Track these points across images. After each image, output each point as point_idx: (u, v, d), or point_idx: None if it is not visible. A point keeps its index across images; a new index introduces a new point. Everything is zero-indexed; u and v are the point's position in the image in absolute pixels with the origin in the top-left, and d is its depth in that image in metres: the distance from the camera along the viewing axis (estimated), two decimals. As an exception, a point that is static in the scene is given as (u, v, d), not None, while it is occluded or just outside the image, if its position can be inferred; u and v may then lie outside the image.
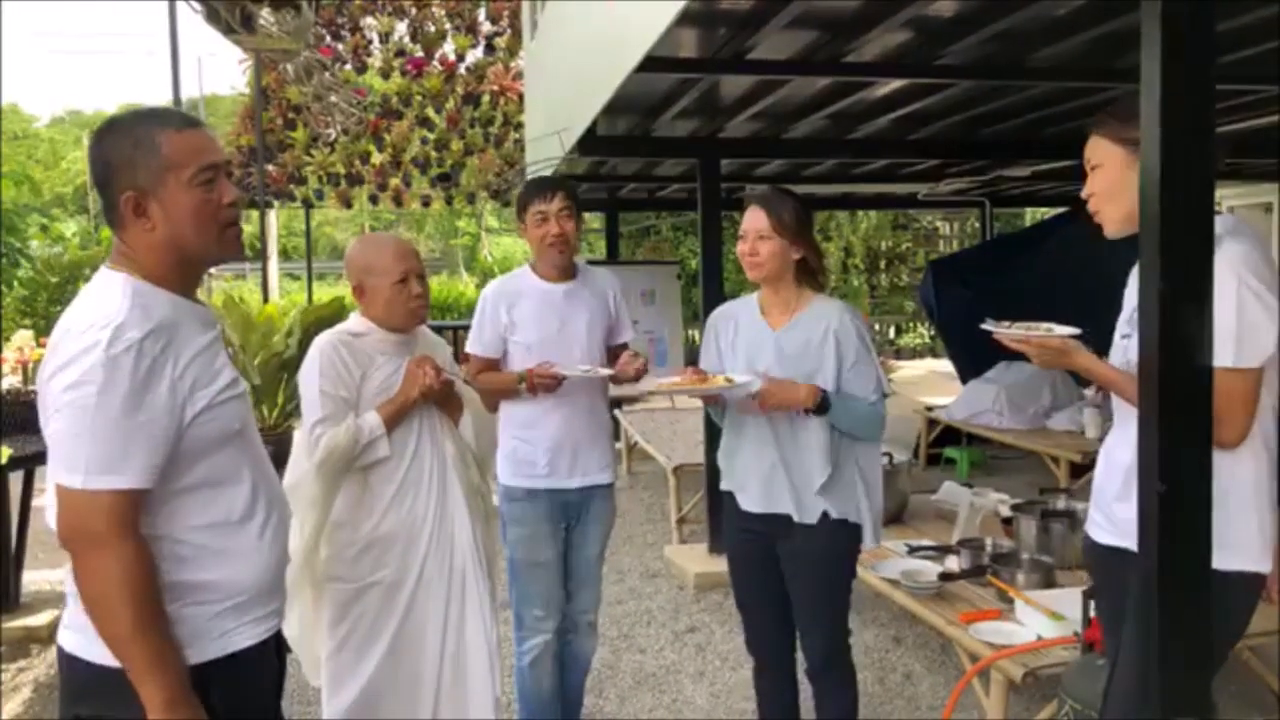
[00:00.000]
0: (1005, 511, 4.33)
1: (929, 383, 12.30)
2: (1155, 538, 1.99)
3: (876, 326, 16.24)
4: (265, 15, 4.77)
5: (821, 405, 2.72)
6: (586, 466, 3.21)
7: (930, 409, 8.10)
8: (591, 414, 3.23)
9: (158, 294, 1.73)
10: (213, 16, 5.29)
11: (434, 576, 2.74)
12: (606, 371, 3.10)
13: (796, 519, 2.81)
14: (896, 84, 4.50)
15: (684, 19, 3.16)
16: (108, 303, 1.68)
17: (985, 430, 7.00)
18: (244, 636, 1.81)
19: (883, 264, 17.47)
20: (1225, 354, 1.97)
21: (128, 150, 1.73)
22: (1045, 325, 2.32)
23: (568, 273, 3.21)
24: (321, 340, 2.74)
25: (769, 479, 2.85)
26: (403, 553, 2.71)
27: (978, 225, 10.76)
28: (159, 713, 1.64)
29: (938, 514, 4.73)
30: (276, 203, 13.30)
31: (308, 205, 13.62)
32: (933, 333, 15.18)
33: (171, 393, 1.68)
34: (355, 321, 2.80)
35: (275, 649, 1.96)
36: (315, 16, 11.23)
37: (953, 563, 3.83)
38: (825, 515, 2.79)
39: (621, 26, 3.63)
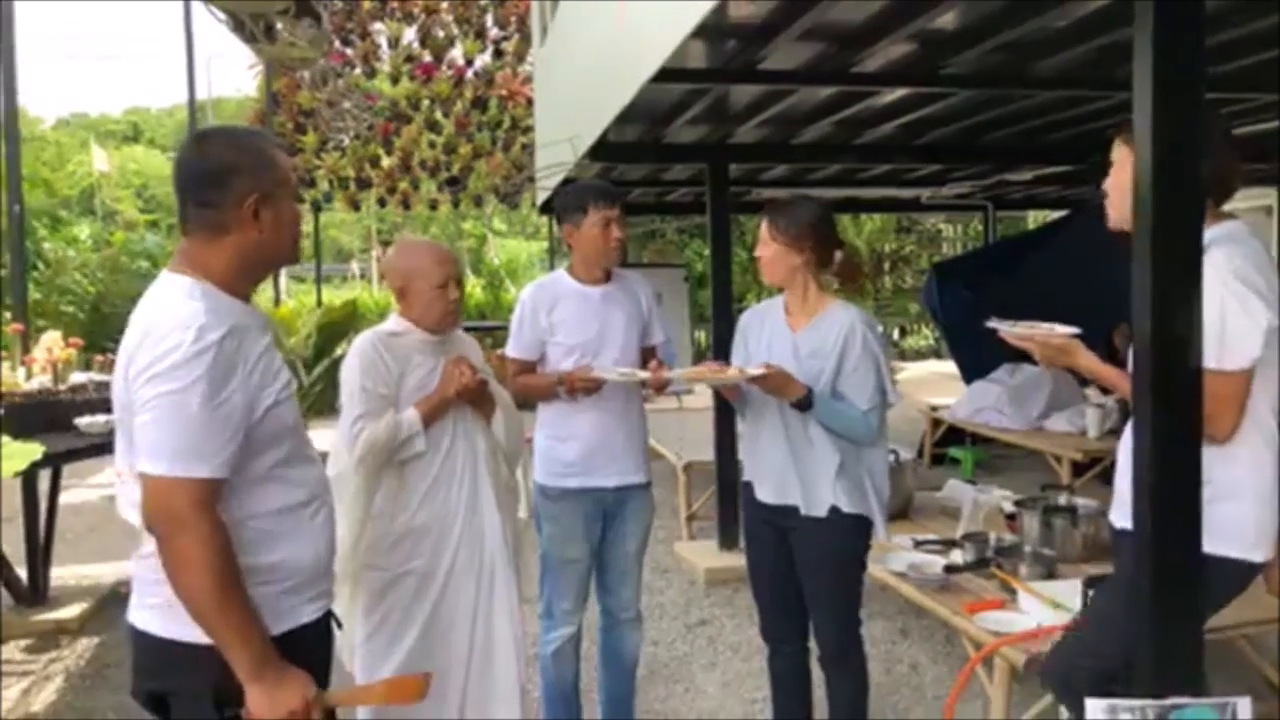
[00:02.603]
0: (1008, 507, 4.44)
1: (933, 383, 12.39)
2: (1148, 526, 2.11)
3: (880, 329, 16.33)
4: (286, 25, 4.91)
5: (804, 402, 2.85)
6: (622, 466, 3.28)
7: (935, 409, 8.21)
8: (626, 414, 3.30)
9: (225, 298, 1.88)
10: (238, 26, 5.42)
11: (464, 568, 2.87)
12: (644, 375, 3.15)
13: (804, 511, 2.94)
14: (902, 92, 4.62)
15: (696, 31, 3.28)
16: (184, 305, 1.82)
17: (988, 430, 7.11)
18: (303, 614, 1.96)
19: (887, 266, 17.58)
20: (1210, 357, 2.09)
21: (252, 158, 1.91)
22: (1047, 325, 2.45)
23: (606, 276, 3.30)
24: (362, 339, 2.89)
25: (781, 471, 2.98)
26: (435, 544, 2.84)
27: (981, 228, 10.86)
28: (249, 676, 1.79)
29: (942, 510, 4.83)
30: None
31: (316, 208, 13.75)
32: (937, 334, 15.28)
33: (244, 390, 1.82)
34: (394, 322, 2.93)
35: (327, 626, 2.09)
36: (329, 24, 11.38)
37: (957, 556, 3.93)
38: (836, 509, 2.91)
39: (634, 37, 3.75)
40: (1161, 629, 2.11)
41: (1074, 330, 2.39)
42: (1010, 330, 2.39)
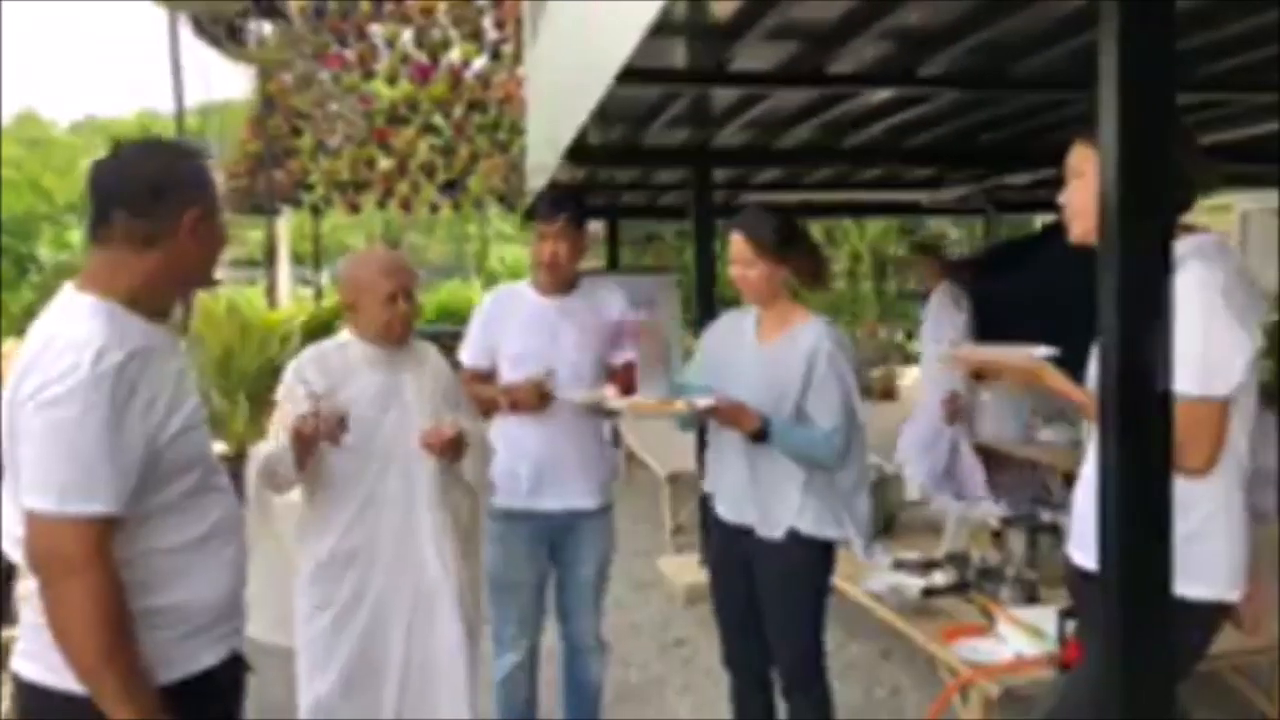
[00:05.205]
0: (994, 524, 4.28)
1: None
2: (1115, 564, 1.96)
3: (883, 333, 16.14)
4: (254, 27, 4.78)
5: (759, 434, 2.71)
6: (572, 489, 3.14)
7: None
8: (579, 434, 3.15)
9: (131, 319, 1.75)
10: (200, 29, 5.29)
11: (392, 597, 2.70)
12: (600, 394, 2.96)
13: (759, 533, 2.79)
14: (883, 94, 4.46)
15: (663, 30, 3.14)
16: (84, 324, 1.69)
17: (983, 440, 6.94)
18: (204, 657, 1.83)
19: (890, 270, 17.37)
20: (1191, 382, 1.92)
21: (193, 174, 1.84)
22: (1012, 346, 2.31)
23: (565, 288, 3.17)
24: (298, 357, 2.75)
25: (739, 488, 2.86)
26: (361, 572, 2.68)
27: (987, 232, 10.65)
28: None
29: (928, 526, 4.68)
30: (287, 208, 13.33)
31: (316, 211, 13.65)
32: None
33: (144, 418, 1.69)
34: (343, 335, 2.80)
35: (232, 667, 1.95)
36: (321, 24, 11.28)
37: (939, 577, 3.79)
38: (794, 532, 2.76)
39: (597, 36, 3.60)
40: (1130, 673, 1.96)
41: (1046, 351, 2.24)
42: (972, 354, 2.26)
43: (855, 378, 2.84)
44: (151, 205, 1.76)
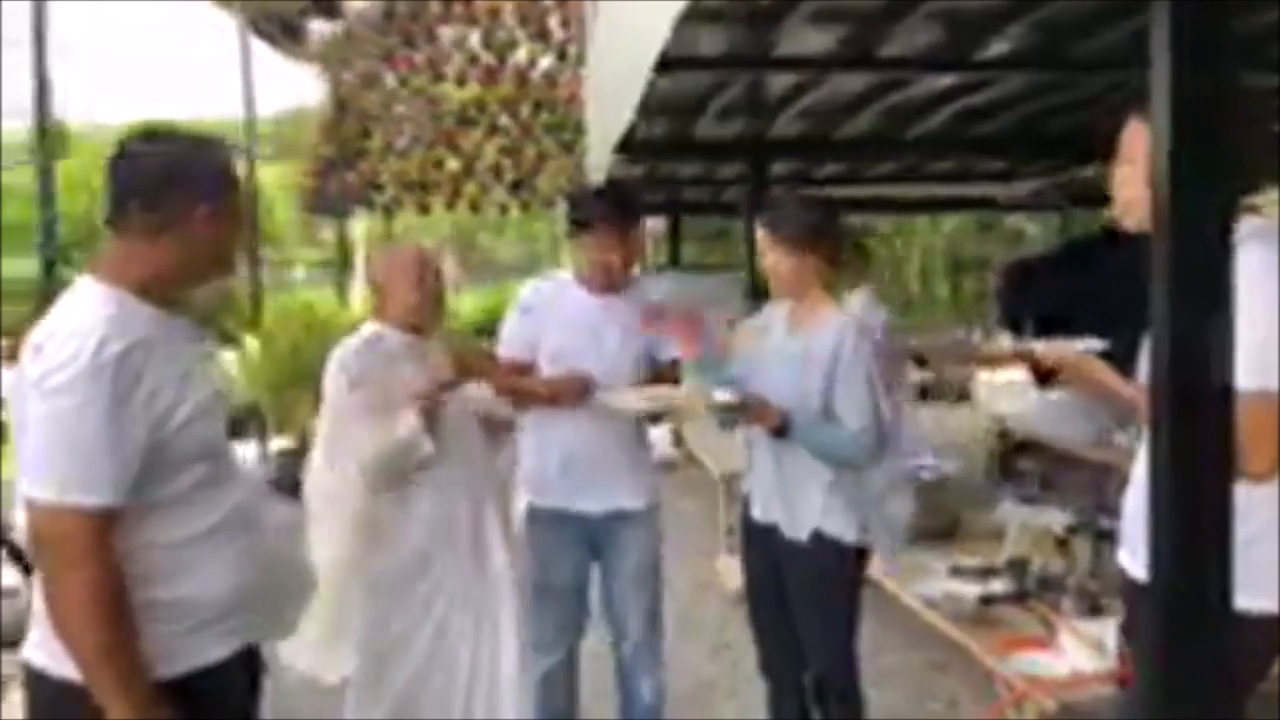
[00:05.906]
0: (1059, 530, 4.09)
1: (1012, 391, 11.84)
2: (1166, 574, 1.80)
3: (960, 334, 15.69)
4: (316, 26, 4.81)
5: (780, 430, 2.62)
6: (611, 489, 3.04)
7: (1002, 419, 7.77)
8: (618, 431, 3.05)
9: (141, 308, 1.75)
10: (255, 28, 5.35)
11: (467, 592, 2.75)
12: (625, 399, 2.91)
13: (786, 534, 2.71)
14: (948, 79, 4.28)
15: (705, 17, 3.05)
16: (90, 313, 1.69)
17: (1055, 442, 6.68)
18: (215, 651, 1.80)
19: (967, 268, 16.90)
20: (1251, 376, 1.76)
21: (210, 166, 1.83)
22: (1065, 341, 2.18)
23: (616, 289, 3.08)
24: (339, 351, 2.74)
25: (767, 486, 2.78)
26: (440, 569, 2.73)
27: (1063, 228, 10.28)
28: None
29: (991, 531, 4.49)
30: (360, 209, 13.53)
31: (387, 213, 13.83)
32: (1019, 338, 14.59)
33: (148, 407, 1.68)
34: (370, 328, 2.79)
35: (247, 664, 1.93)
36: (389, 26, 11.42)
37: (997, 585, 3.62)
38: (819, 533, 2.67)
39: (636, 27, 3.52)
40: (1188, 702, 1.80)
41: (1094, 344, 2.11)
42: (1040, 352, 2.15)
43: (883, 375, 2.73)
44: (163, 195, 1.76)
